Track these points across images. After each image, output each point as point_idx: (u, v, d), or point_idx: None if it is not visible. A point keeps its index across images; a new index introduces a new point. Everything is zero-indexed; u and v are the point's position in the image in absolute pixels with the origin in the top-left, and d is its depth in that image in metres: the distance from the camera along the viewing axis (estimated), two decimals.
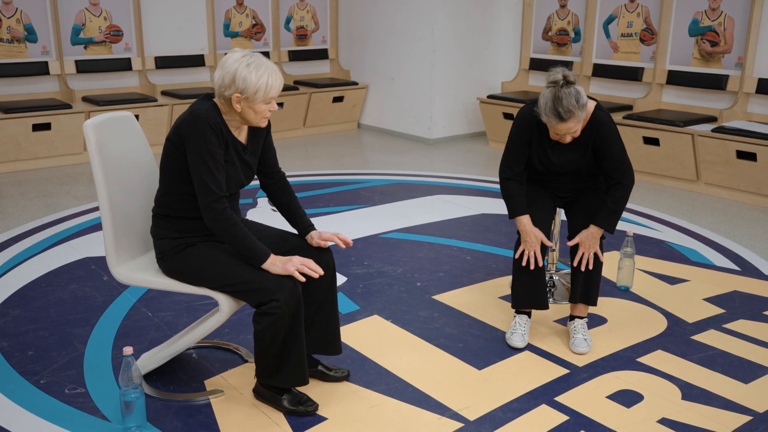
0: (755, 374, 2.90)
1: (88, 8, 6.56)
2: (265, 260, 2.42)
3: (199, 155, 2.36)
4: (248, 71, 2.36)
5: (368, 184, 5.68)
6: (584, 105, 2.78)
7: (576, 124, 2.80)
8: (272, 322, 2.41)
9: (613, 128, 2.95)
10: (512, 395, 2.72)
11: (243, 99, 2.39)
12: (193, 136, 2.37)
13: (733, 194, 5.39)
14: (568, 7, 6.84)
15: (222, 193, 2.39)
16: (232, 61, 2.38)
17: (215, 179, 2.38)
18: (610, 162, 2.96)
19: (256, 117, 2.44)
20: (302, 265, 2.43)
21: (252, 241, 2.42)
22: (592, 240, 2.99)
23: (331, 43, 8.10)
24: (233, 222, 2.40)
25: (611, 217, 2.98)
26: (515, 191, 3.04)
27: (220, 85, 2.39)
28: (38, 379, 2.79)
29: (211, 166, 2.37)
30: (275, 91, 2.41)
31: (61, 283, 3.70)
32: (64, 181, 5.69)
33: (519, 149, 3.03)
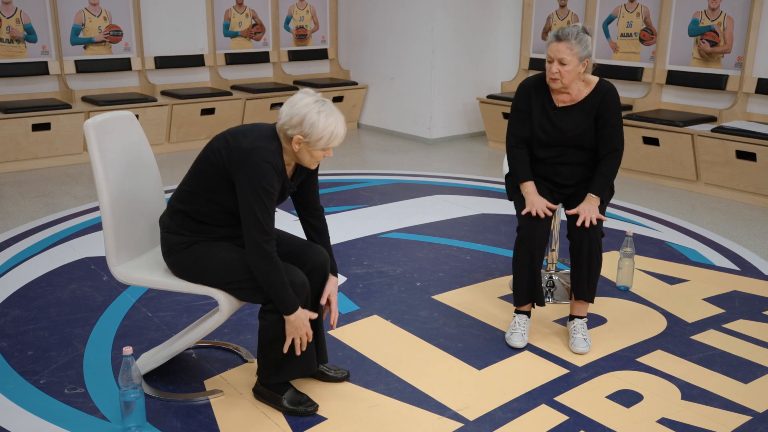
0: (755, 374, 2.90)
1: (88, 8, 6.56)
2: (293, 311, 2.42)
3: (258, 194, 2.34)
4: (318, 118, 2.35)
5: (368, 184, 5.68)
6: (583, 41, 2.94)
7: (567, 51, 2.92)
8: (278, 320, 2.43)
9: (616, 98, 3.08)
10: (512, 395, 2.72)
11: (304, 142, 2.38)
12: (258, 175, 2.34)
13: (732, 194, 5.39)
14: (568, 7, 6.84)
15: (273, 236, 2.38)
16: (304, 105, 2.37)
17: (270, 220, 2.38)
18: (609, 129, 3.06)
19: (311, 160, 2.45)
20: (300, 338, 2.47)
21: (287, 291, 2.40)
22: (590, 208, 3.02)
23: (330, 43, 8.10)
24: (277, 268, 2.38)
25: (605, 184, 3.07)
26: (522, 158, 3.15)
27: (285, 122, 2.38)
28: (38, 379, 2.79)
29: (270, 207, 2.37)
30: (338, 141, 2.41)
31: (61, 283, 3.70)
32: (63, 181, 5.69)
33: (521, 115, 3.14)
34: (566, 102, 3.08)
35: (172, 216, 2.55)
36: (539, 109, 3.10)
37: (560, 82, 2.98)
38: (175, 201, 2.55)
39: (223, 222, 2.51)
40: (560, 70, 2.96)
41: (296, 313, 2.43)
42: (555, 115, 3.08)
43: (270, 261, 2.37)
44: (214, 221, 2.51)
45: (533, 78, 3.15)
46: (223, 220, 2.51)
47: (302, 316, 2.45)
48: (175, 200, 2.56)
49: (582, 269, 3.04)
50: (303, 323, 2.45)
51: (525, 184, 3.10)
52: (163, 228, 2.57)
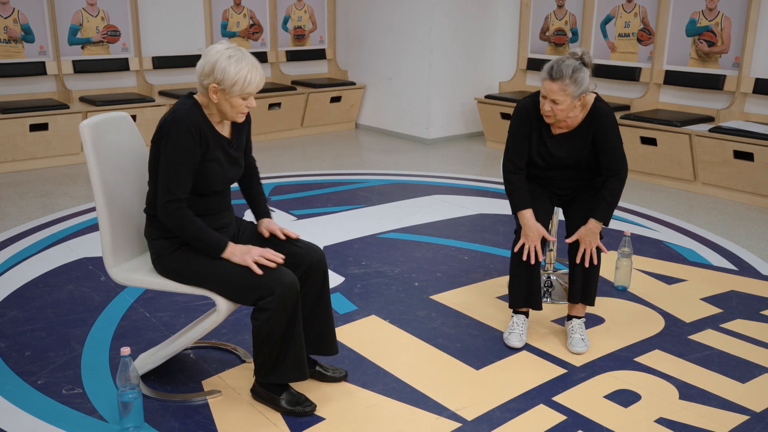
0: (752, 374, 2.90)
1: (86, 8, 6.56)
2: (224, 249, 2.43)
3: (168, 155, 2.38)
4: (228, 63, 2.36)
5: (366, 184, 5.68)
6: (578, 80, 2.79)
7: (560, 92, 2.79)
8: (269, 317, 2.41)
9: (612, 120, 2.96)
10: (510, 395, 2.72)
11: (220, 90, 2.38)
12: (168, 136, 2.38)
13: (730, 194, 5.40)
14: (566, 7, 6.85)
15: (181, 195, 2.39)
16: (215, 52, 2.39)
17: (177, 180, 2.38)
18: (609, 154, 2.96)
19: (232, 111, 2.44)
20: (260, 255, 2.43)
21: (208, 233, 2.43)
22: (592, 235, 2.99)
23: (328, 43, 8.10)
24: (187, 219, 2.40)
25: (609, 210, 2.99)
26: (518, 185, 3.04)
27: (200, 73, 2.40)
28: (35, 380, 2.78)
29: (178, 167, 2.38)
30: (253, 86, 2.40)
31: (59, 283, 3.69)
32: (61, 181, 5.69)
33: (519, 141, 3.03)
34: (563, 129, 2.99)
35: (151, 223, 2.56)
36: (536, 135, 3.01)
37: (553, 118, 2.90)
38: (147, 208, 2.57)
39: (199, 209, 2.50)
40: (553, 108, 2.85)
41: (230, 248, 2.43)
42: (551, 143, 3.00)
43: (175, 218, 2.39)
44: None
45: (530, 100, 3.01)
46: (197, 207, 2.50)
47: (239, 246, 2.45)
48: (147, 208, 2.57)
49: (580, 273, 3.04)
50: (245, 248, 2.44)
51: (522, 212, 3.01)
52: (149, 238, 2.58)
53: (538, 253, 2.99)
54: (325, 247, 4.19)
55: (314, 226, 4.59)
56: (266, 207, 2.75)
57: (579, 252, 3.01)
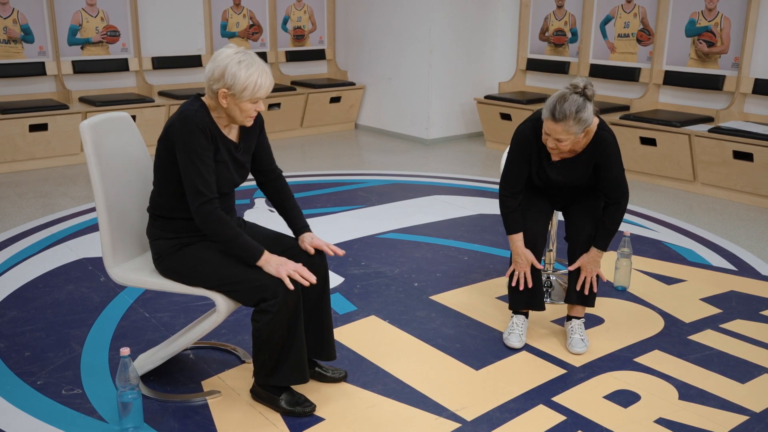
0: (752, 374, 2.90)
1: (85, 9, 6.56)
2: (259, 257, 2.41)
3: (188, 157, 2.36)
4: (239, 68, 2.35)
5: (365, 185, 5.68)
6: (581, 120, 2.72)
7: (564, 131, 2.74)
8: (270, 320, 2.41)
9: (615, 149, 2.90)
10: (509, 395, 2.73)
11: (230, 95, 2.38)
12: (182, 138, 2.37)
13: (729, 194, 5.40)
14: (565, 8, 6.85)
15: (212, 195, 2.38)
16: (224, 56, 2.38)
17: (204, 181, 2.37)
18: (609, 183, 2.93)
19: (242, 115, 2.43)
20: (294, 271, 2.40)
21: (245, 239, 2.41)
22: (593, 263, 3.00)
23: (328, 43, 8.10)
24: (224, 222, 2.39)
25: (609, 238, 2.99)
26: (513, 208, 3.02)
27: (209, 78, 2.39)
28: (35, 380, 2.78)
29: (200, 167, 2.36)
30: (263, 91, 2.40)
31: (58, 284, 3.69)
32: (60, 181, 5.69)
33: (518, 167, 2.99)
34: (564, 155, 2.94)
35: (154, 222, 2.56)
36: (536, 160, 2.97)
37: (557, 153, 2.87)
38: (151, 209, 2.57)
39: None
40: (557, 145, 2.80)
41: (265, 257, 2.41)
42: (551, 170, 2.98)
43: (213, 219, 2.37)
44: (189, 214, 2.49)
45: (530, 125, 2.94)
46: None
47: (274, 257, 2.42)
48: (150, 208, 2.57)
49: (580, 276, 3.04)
50: (282, 261, 2.42)
51: (513, 237, 3.01)
52: (151, 238, 2.57)
53: (528, 280, 3.00)
54: None
55: (314, 226, 4.57)
56: (305, 220, 2.69)
57: (579, 280, 3.03)
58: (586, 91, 2.74)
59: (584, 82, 2.75)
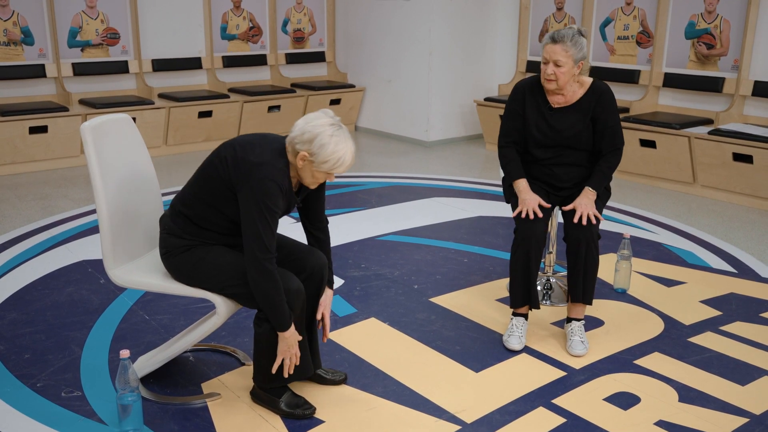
0: (752, 376, 2.90)
1: (85, 11, 6.56)
2: (287, 328, 2.42)
3: (261, 210, 2.33)
4: (329, 141, 2.34)
5: (365, 187, 5.68)
6: (578, 43, 2.94)
7: (562, 53, 2.93)
8: (271, 329, 2.42)
9: (612, 97, 3.09)
10: (509, 398, 2.72)
11: (309, 161, 2.36)
12: (262, 192, 2.33)
13: (729, 196, 5.40)
14: (565, 10, 6.85)
15: (274, 253, 2.37)
16: (320, 124, 2.35)
17: (272, 238, 2.36)
18: (609, 129, 3.07)
19: (311, 179, 2.43)
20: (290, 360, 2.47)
21: (284, 308, 2.40)
22: (588, 201, 3.04)
23: (328, 45, 8.10)
24: (275, 282, 2.37)
25: (603, 180, 3.09)
26: (511, 157, 3.16)
27: (296, 136, 2.36)
28: (35, 383, 2.78)
29: (271, 223, 2.35)
30: (343, 169, 2.39)
31: (58, 286, 3.69)
32: (60, 183, 5.69)
33: (513, 117, 3.15)
34: (561, 103, 3.09)
35: (174, 218, 2.54)
36: (534, 110, 3.11)
37: (555, 83, 3.00)
38: (179, 203, 2.54)
39: (225, 230, 2.50)
40: (555, 72, 2.97)
41: (289, 332, 2.43)
42: (551, 116, 3.09)
43: (269, 279, 2.36)
44: (216, 228, 2.50)
45: (528, 79, 3.16)
46: (225, 228, 2.50)
47: (294, 338, 2.45)
48: (179, 202, 2.54)
49: (579, 271, 3.04)
50: (293, 343, 2.45)
51: (517, 182, 3.12)
52: (164, 229, 2.55)
53: (537, 212, 3.03)
54: None
55: None
56: (332, 276, 2.72)
57: (576, 215, 3.03)
58: (581, 30, 2.99)
59: (579, 26, 3.02)
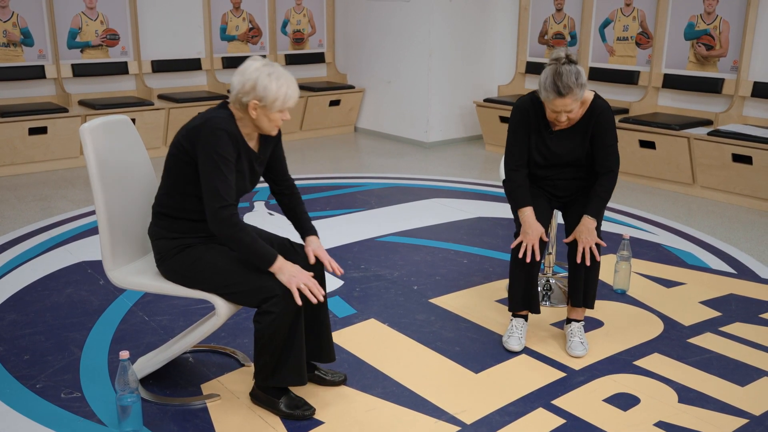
0: (751, 377, 2.90)
1: (85, 12, 6.56)
2: (273, 262, 2.42)
3: (213, 162, 2.38)
4: (269, 81, 2.39)
5: (365, 188, 5.68)
6: (583, 84, 2.81)
7: (573, 102, 2.82)
8: (272, 321, 2.42)
9: (611, 116, 3.00)
10: (509, 399, 2.72)
11: (260, 107, 2.41)
12: (210, 142, 2.38)
13: (729, 197, 5.40)
14: (564, 11, 6.86)
15: (231, 201, 2.40)
16: (253, 69, 2.41)
17: (227, 186, 2.39)
18: (604, 150, 2.99)
19: (270, 125, 2.48)
20: (305, 284, 2.42)
21: (260, 244, 2.42)
22: (588, 233, 2.99)
23: (327, 46, 8.10)
24: (241, 227, 2.40)
25: (601, 207, 3.02)
26: (519, 182, 3.05)
27: (239, 90, 2.41)
28: (34, 384, 2.78)
29: (226, 172, 2.39)
30: (292, 102, 2.45)
31: (58, 287, 3.69)
32: (60, 184, 5.69)
33: (520, 139, 3.04)
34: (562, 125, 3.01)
35: (157, 222, 2.57)
36: (536, 133, 3.03)
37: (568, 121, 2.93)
38: (156, 207, 2.59)
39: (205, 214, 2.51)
40: (569, 116, 2.89)
41: (279, 263, 2.42)
42: (551, 139, 3.02)
43: (231, 226, 2.38)
44: (197, 216, 2.51)
45: (527, 99, 3.02)
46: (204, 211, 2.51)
47: (289, 264, 2.44)
48: (156, 206, 2.59)
49: (580, 277, 3.04)
50: (295, 271, 2.43)
51: (523, 210, 3.02)
52: (153, 237, 2.58)
53: (535, 252, 2.98)
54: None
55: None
56: (311, 224, 2.73)
57: (578, 251, 3.00)
58: (571, 58, 2.82)
59: (564, 51, 2.84)
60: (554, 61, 2.82)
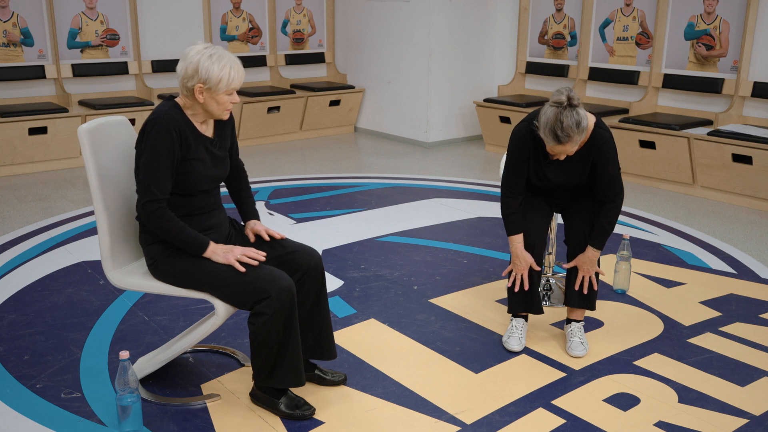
0: (751, 377, 2.90)
1: (85, 12, 6.56)
2: (206, 248, 2.45)
3: (146, 155, 2.40)
4: (210, 62, 2.39)
5: (365, 188, 5.68)
6: (584, 129, 2.74)
7: (573, 146, 2.79)
8: (265, 322, 2.41)
9: (612, 147, 2.93)
10: (509, 399, 2.72)
11: (206, 89, 2.42)
12: (147, 137, 2.41)
13: (729, 197, 5.40)
14: (564, 11, 6.86)
15: (161, 196, 2.41)
16: (195, 53, 2.42)
17: (157, 180, 2.40)
18: (606, 181, 2.95)
19: (219, 108, 2.48)
20: (242, 254, 2.45)
21: (190, 232, 2.45)
22: (590, 263, 3.01)
23: (327, 46, 8.10)
24: (168, 218, 2.42)
25: (605, 237, 3.00)
26: (513, 209, 3.03)
27: (183, 76, 2.42)
28: (34, 384, 2.78)
29: (156, 167, 2.40)
30: (237, 82, 2.45)
31: (57, 287, 3.69)
32: (60, 184, 5.69)
33: (518, 167, 3.00)
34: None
35: (144, 229, 2.57)
36: (534, 160, 2.99)
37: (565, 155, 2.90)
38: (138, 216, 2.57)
39: (184, 210, 2.52)
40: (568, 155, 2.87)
41: (211, 247, 2.46)
42: (548, 168, 2.99)
43: (156, 217, 2.41)
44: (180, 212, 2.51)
45: (526, 125, 2.94)
46: (181, 208, 2.51)
47: (220, 246, 2.47)
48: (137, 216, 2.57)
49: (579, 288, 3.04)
50: (227, 248, 2.47)
51: (513, 238, 3.03)
52: (143, 244, 2.58)
53: (525, 282, 3.01)
54: (324, 251, 4.20)
55: (313, 229, 4.59)
56: (254, 208, 2.76)
57: (578, 280, 3.03)
58: (573, 102, 2.72)
59: (566, 94, 2.73)
60: (556, 104, 2.72)
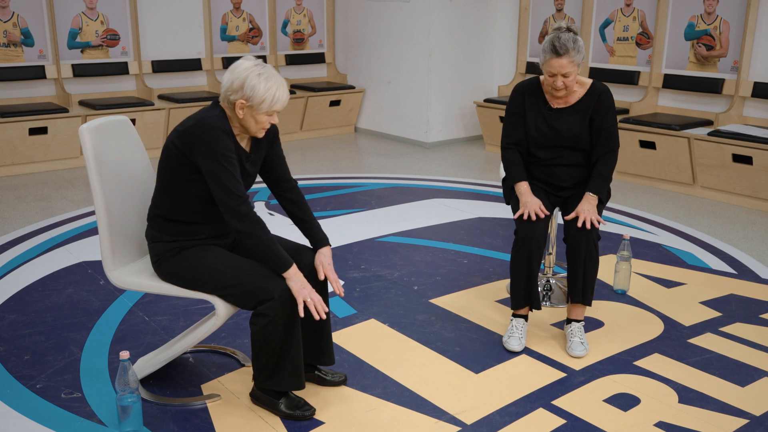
0: (752, 377, 2.90)
1: (85, 12, 6.56)
2: (287, 269, 2.42)
3: (217, 161, 2.36)
4: (258, 81, 2.37)
5: (365, 188, 5.68)
6: (580, 48, 2.94)
7: (569, 63, 2.94)
8: (267, 323, 2.41)
9: (611, 98, 3.12)
10: (509, 399, 2.72)
11: (247, 106, 2.40)
12: (208, 143, 2.37)
13: (729, 197, 5.40)
14: (565, 11, 6.86)
15: (245, 197, 2.40)
16: (244, 68, 2.40)
17: (237, 182, 2.38)
18: (606, 130, 3.08)
19: (256, 126, 2.46)
20: (311, 300, 2.42)
21: (278, 247, 2.42)
22: (590, 207, 3.03)
23: (327, 47, 8.10)
24: (262, 225, 2.40)
25: (604, 184, 3.09)
26: (514, 159, 3.17)
27: (227, 88, 2.41)
28: (34, 384, 2.78)
29: (231, 169, 2.38)
30: (280, 105, 2.42)
31: (58, 287, 3.69)
32: (60, 185, 5.69)
33: (514, 119, 3.16)
34: (561, 104, 3.11)
35: (153, 224, 2.56)
36: (534, 112, 3.13)
37: (565, 91, 3.02)
38: (152, 209, 2.58)
39: (202, 216, 2.51)
40: (564, 82, 2.98)
41: (293, 270, 2.42)
42: (550, 117, 3.11)
43: (249, 222, 2.38)
44: (193, 217, 2.51)
45: (527, 81, 3.18)
46: (201, 213, 2.51)
47: (300, 275, 2.44)
48: (152, 209, 2.58)
49: (579, 272, 3.04)
50: (305, 284, 2.44)
51: (519, 185, 3.12)
52: (149, 240, 2.58)
53: (539, 213, 3.01)
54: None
55: None
56: (323, 233, 2.67)
57: (579, 221, 3.01)
58: (572, 28, 2.98)
59: (566, 23, 3.00)
60: (555, 31, 2.98)
